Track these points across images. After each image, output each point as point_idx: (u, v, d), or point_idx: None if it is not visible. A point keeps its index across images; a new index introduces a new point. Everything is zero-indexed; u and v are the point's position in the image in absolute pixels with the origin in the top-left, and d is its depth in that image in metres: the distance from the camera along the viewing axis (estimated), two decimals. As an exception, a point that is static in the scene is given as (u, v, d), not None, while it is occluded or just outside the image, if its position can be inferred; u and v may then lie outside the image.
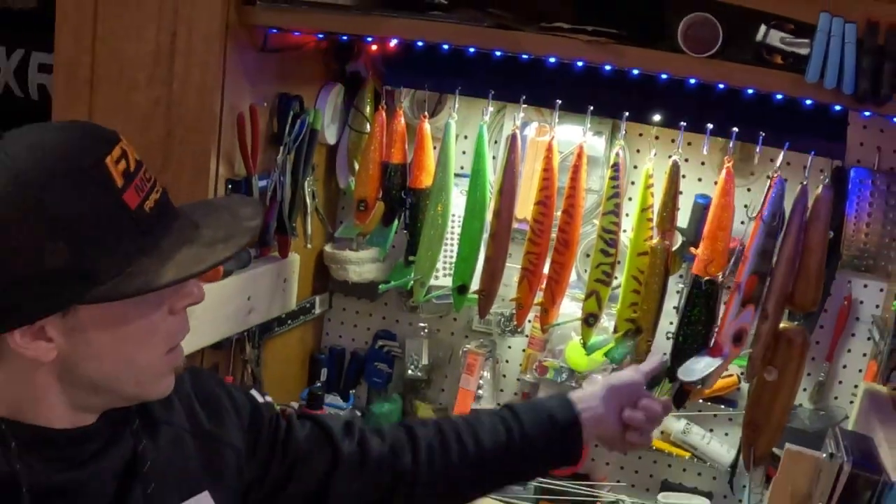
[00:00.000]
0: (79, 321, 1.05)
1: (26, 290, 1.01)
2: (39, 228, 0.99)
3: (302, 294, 2.37)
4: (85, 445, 1.14)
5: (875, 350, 2.02)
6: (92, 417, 1.15)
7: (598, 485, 2.33)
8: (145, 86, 1.92)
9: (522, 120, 2.12)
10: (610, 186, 2.00)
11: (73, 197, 1.01)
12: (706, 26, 1.65)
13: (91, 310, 1.05)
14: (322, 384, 2.50)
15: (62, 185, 1.01)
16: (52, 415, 1.12)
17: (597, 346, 2.09)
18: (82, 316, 1.05)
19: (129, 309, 1.06)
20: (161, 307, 1.11)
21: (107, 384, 1.12)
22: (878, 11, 1.50)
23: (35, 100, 2.39)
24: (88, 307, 1.04)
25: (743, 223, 2.03)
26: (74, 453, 1.13)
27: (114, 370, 1.11)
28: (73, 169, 1.01)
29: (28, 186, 0.98)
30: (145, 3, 1.89)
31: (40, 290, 1.02)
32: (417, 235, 2.23)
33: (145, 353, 1.11)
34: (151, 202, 1.06)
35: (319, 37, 2.15)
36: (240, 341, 2.18)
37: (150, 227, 1.05)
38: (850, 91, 1.51)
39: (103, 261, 1.01)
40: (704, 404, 2.20)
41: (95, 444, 1.15)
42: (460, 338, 2.47)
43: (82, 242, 1.01)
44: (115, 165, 1.03)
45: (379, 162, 2.21)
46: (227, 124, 1.94)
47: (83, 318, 1.05)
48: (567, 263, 2.05)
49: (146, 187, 1.07)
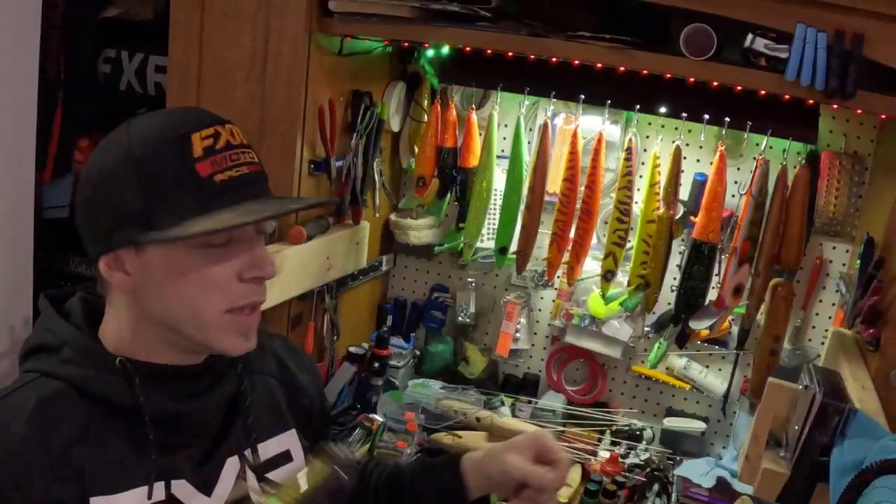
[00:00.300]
0: (148, 261, 1.11)
1: (109, 222, 1.10)
2: (129, 174, 1.08)
3: (371, 254, 2.38)
4: (196, 382, 1.21)
5: (842, 300, 2.04)
6: (198, 359, 1.22)
7: (614, 411, 2.36)
8: (242, 83, 1.96)
9: (552, 111, 2.17)
10: (624, 166, 2.04)
11: (156, 156, 1.08)
12: (703, 34, 1.67)
13: (158, 254, 1.11)
14: (388, 328, 2.51)
15: (152, 147, 1.08)
16: (158, 354, 1.19)
17: (613, 297, 2.14)
18: (151, 257, 1.11)
19: (191, 260, 1.11)
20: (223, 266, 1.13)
21: (174, 325, 1.16)
22: (845, 22, 1.52)
23: (152, 95, 2.36)
24: (156, 250, 1.11)
25: (734, 196, 2.06)
26: (187, 388, 1.20)
27: (176, 313, 1.15)
28: (164, 137, 1.09)
29: (132, 146, 1.09)
30: (243, 15, 1.92)
31: (117, 224, 1.10)
32: (466, 206, 2.27)
33: (202, 303, 1.13)
34: (225, 176, 1.09)
35: (386, 43, 2.17)
36: (321, 293, 2.21)
37: (213, 194, 1.08)
38: (821, 88, 1.54)
39: (163, 211, 1.07)
40: (702, 345, 2.21)
41: (205, 382, 1.23)
42: (501, 290, 2.49)
43: (152, 193, 1.08)
44: (200, 140, 1.09)
45: (434, 146, 2.25)
46: (310, 115, 1.97)
47: (152, 259, 1.11)
48: (589, 229, 2.10)
49: (226, 164, 1.10)
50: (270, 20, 1.89)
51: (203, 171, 1.07)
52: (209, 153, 1.09)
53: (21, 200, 2.15)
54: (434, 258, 2.54)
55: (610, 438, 2.27)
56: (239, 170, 1.10)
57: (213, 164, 1.08)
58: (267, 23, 1.90)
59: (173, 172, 1.08)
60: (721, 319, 2.03)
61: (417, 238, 2.41)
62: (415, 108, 2.35)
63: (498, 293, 2.50)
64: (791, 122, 1.87)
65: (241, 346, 1.18)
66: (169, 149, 1.08)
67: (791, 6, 1.56)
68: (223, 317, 1.13)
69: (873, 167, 2.04)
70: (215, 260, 1.11)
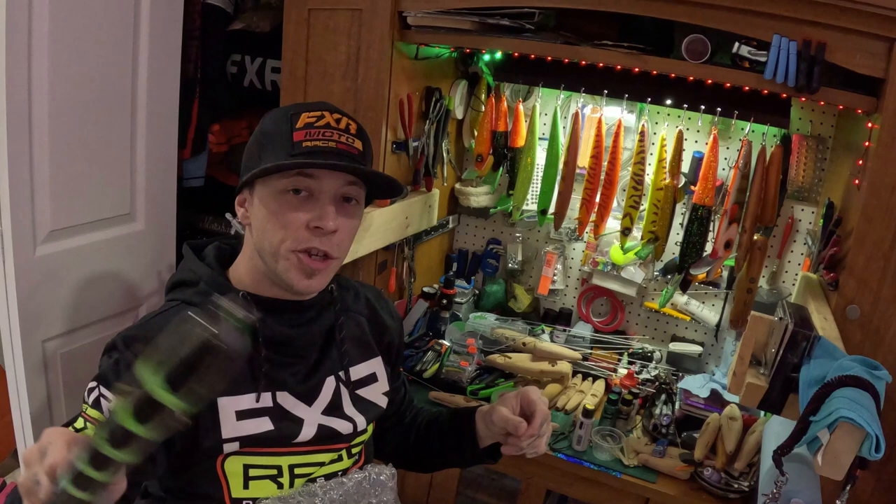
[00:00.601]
0: (254, 200, 1.20)
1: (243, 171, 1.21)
2: (256, 137, 1.21)
3: (440, 215, 2.44)
4: (301, 314, 1.26)
5: (808, 251, 2.07)
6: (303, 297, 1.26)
7: (630, 337, 2.44)
8: (340, 80, 2.02)
9: (582, 103, 2.20)
10: (638, 146, 2.08)
11: (272, 125, 1.19)
12: (700, 43, 1.71)
13: (258, 196, 1.19)
14: (453, 273, 2.59)
15: (273, 119, 1.20)
16: (268, 289, 1.24)
17: (630, 248, 2.20)
18: (255, 197, 1.19)
19: (276, 203, 1.16)
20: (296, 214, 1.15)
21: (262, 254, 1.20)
22: (811, 33, 1.55)
23: (269, 91, 2.44)
24: (257, 193, 1.19)
25: (724, 169, 2.11)
26: (294, 318, 1.25)
27: (262, 243, 1.19)
28: (284, 113, 1.19)
29: (265, 120, 1.21)
30: (340, 28, 1.97)
31: (245, 171, 1.20)
32: (514, 177, 2.33)
33: (276, 239, 1.16)
34: (311, 143, 1.14)
35: (452, 49, 2.22)
36: (401, 245, 2.30)
37: (297, 153, 1.13)
38: (792, 85, 1.58)
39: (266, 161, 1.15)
40: (700, 286, 2.26)
41: (309, 315, 1.27)
42: (542, 243, 2.56)
43: (262, 148, 1.18)
44: (306, 118, 1.16)
45: (490, 130, 2.29)
46: (393, 106, 2.03)
47: (256, 199, 1.19)
48: (610, 195, 2.15)
49: (318, 136, 1.15)
50: (361, 32, 1.94)
51: (297, 137, 1.14)
52: (307, 127, 1.15)
53: (167, 172, 2.24)
54: (489, 218, 2.59)
55: (627, 359, 2.34)
56: (327, 143, 1.14)
57: (306, 134, 1.14)
58: (359, 34, 1.95)
59: (278, 136, 1.16)
60: (715, 267, 2.07)
61: (476, 202, 2.48)
62: (474, 100, 2.42)
63: (539, 245, 2.56)
64: (769, 112, 1.88)
65: (303, 284, 1.19)
66: (282, 120, 1.17)
67: (769, 21, 1.58)
68: (291, 254, 1.16)
69: (833, 146, 2.06)
70: (293, 207, 1.15)
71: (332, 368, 1.30)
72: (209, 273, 1.24)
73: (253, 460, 1.19)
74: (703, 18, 1.63)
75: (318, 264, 1.17)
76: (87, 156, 1.97)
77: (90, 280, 2.06)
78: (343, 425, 1.28)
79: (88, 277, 2.05)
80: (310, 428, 1.23)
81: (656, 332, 2.48)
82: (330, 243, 1.16)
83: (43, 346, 1.97)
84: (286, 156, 1.13)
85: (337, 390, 1.29)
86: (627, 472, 1.88)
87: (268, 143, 1.17)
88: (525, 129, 2.30)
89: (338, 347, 1.30)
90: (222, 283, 1.23)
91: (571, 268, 2.54)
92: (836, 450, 1.16)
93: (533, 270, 2.60)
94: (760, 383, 1.36)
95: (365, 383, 1.35)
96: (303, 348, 1.27)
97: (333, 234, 1.16)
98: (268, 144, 1.17)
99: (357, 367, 1.34)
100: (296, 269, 1.16)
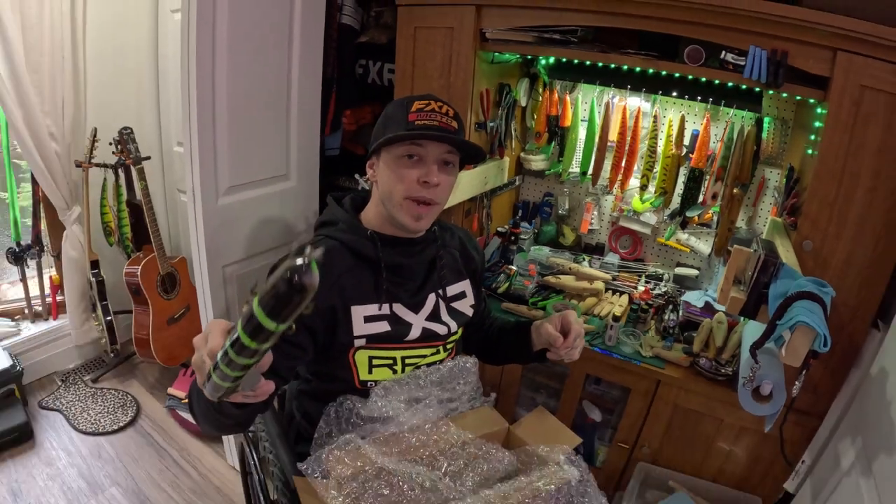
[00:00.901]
0: (380, 163, 1.20)
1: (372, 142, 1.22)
2: (381, 118, 1.22)
3: (510, 175, 2.45)
4: (412, 247, 1.27)
5: (775, 201, 2.05)
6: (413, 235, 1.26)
7: (647, 264, 2.46)
8: (437, 79, 2.03)
9: (612, 95, 2.25)
10: (652, 126, 2.16)
11: (392, 109, 1.20)
12: (697, 51, 1.70)
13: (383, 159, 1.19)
14: (519, 217, 2.64)
15: (394, 105, 1.20)
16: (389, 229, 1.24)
17: (646, 200, 2.28)
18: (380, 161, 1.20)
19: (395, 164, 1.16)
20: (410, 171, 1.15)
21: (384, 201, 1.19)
22: (777, 44, 1.53)
23: (386, 86, 2.45)
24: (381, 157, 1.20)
25: (714, 143, 2.13)
26: (406, 250, 1.26)
27: (384, 194, 1.19)
28: (402, 100, 1.20)
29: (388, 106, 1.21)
30: (437, 41, 1.99)
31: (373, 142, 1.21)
32: (563, 148, 2.39)
33: (394, 189, 1.17)
34: (421, 122, 1.14)
35: (518, 56, 2.18)
36: (481, 197, 2.30)
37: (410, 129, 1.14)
38: (763, 81, 1.56)
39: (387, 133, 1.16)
40: (696, 226, 2.28)
41: (417, 248, 1.28)
42: (583, 195, 2.54)
43: (385, 125, 1.18)
44: (417, 104, 1.17)
45: (545, 114, 2.35)
46: (475, 97, 2.04)
47: (381, 162, 1.20)
48: (632, 161, 2.21)
49: (426, 118, 1.15)
50: (453, 44, 1.96)
51: (411, 118, 1.15)
52: (418, 111, 1.16)
53: (312, 145, 2.26)
54: (544, 177, 2.59)
55: (644, 279, 2.37)
56: (432, 122, 1.15)
57: (417, 115, 1.15)
58: (451, 46, 1.97)
59: (397, 117, 1.17)
60: (705, 211, 2.14)
61: (535, 166, 2.49)
62: (534, 92, 2.41)
63: (581, 197, 2.55)
64: (746, 101, 1.90)
65: (413, 224, 1.18)
66: (400, 106, 1.19)
67: (747, 35, 1.56)
68: (404, 201, 1.17)
69: (793, 126, 2.03)
70: (407, 167, 1.16)
71: (433, 287, 1.29)
72: (346, 216, 1.25)
73: (375, 353, 1.20)
74: (699, 33, 1.62)
75: (423, 209, 1.17)
76: (255, 133, 1.97)
77: (257, 222, 2.08)
78: (440, 328, 1.28)
79: (255, 220, 2.08)
80: (416, 330, 1.23)
81: (665, 260, 2.46)
82: (433, 193, 1.17)
83: (223, 270, 2.02)
84: (403, 131, 1.14)
85: (437, 303, 1.29)
86: (645, 361, 1.91)
87: (390, 122, 1.18)
88: (571, 114, 2.33)
89: (438, 272, 1.30)
90: (355, 224, 1.24)
91: (604, 213, 2.53)
92: (795, 345, 1.18)
93: (576, 215, 2.60)
94: (741, 297, 1.37)
95: (457, 298, 1.35)
96: (412, 272, 1.27)
97: (436, 186, 1.16)
98: (390, 123, 1.18)
99: (451, 287, 1.34)
100: (408, 212, 1.17)
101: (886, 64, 1.39)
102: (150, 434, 2.58)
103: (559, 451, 1.09)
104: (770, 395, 1.38)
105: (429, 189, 1.15)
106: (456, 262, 1.36)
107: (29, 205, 2.78)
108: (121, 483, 2.27)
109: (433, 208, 1.19)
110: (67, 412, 2.65)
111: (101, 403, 2.75)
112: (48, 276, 2.94)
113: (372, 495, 0.98)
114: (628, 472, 2.02)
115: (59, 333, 2.95)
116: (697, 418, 1.89)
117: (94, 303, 2.82)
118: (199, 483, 2.30)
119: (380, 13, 2.36)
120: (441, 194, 1.18)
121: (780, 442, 1.63)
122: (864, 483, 1.35)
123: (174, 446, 2.51)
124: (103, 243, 2.85)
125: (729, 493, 1.88)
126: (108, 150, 2.64)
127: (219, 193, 1.90)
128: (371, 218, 1.26)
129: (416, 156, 1.16)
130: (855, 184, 1.50)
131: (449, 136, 1.13)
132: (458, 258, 1.38)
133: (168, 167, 3.08)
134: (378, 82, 2.50)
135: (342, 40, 2.32)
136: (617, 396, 2.21)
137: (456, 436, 1.11)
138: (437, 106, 1.17)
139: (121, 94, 2.86)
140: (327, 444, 1.07)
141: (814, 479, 1.67)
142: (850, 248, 1.55)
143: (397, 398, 1.16)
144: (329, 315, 1.14)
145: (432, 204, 1.18)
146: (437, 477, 1.01)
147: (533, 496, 0.98)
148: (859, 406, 1.55)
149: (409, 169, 1.15)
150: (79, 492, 2.20)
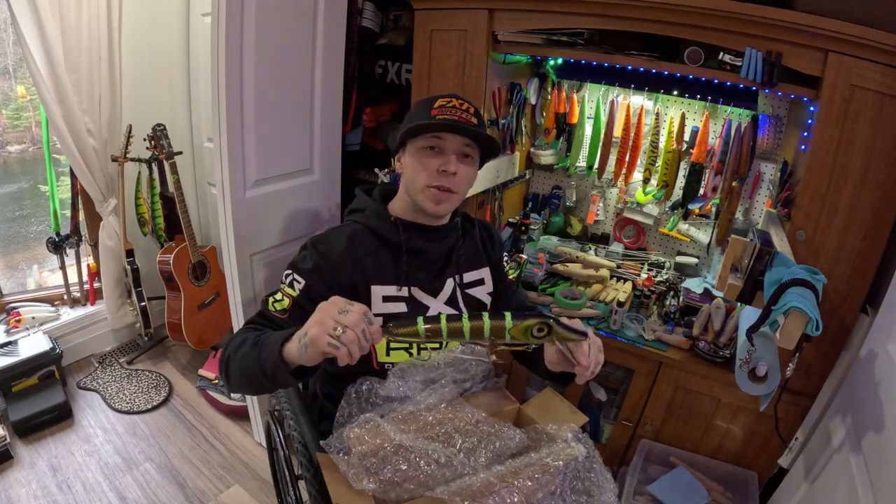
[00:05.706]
0: (406, 155, 1.22)
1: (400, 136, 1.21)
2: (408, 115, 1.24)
3: (520, 169, 2.46)
4: (433, 234, 1.27)
5: (770, 194, 2.07)
6: (437, 222, 1.27)
7: (649, 253, 2.46)
8: (452, 78, 2.03)
9: (616, 93, 2.25)
10: (654, 122, 2.16)
11: (417, 106, 1.22)
12: (696, 52, 1.71)
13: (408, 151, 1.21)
14: (529, 209, 2.62)
15: (418, 103, 1.22)
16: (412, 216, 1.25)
17: (649, 192, 2.25)
18: (406, 153, 1.21)
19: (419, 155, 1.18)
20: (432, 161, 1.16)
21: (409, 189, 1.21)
22: (772, 46, 1.53)
23: (404, 85, 2.46)
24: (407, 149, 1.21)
25: (713, 139, 2.12)
26: (428, 236, 1.26)
27: (408, 181, 1.21)
28: (426, 98, 1.22)
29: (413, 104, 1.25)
30: (452, 43, 1.99)
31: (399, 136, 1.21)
32: (570, 143, 2.38)
33: (417, 177, 1.18)
34: (442, 117, 1.15)
35: (528, 57, 2.18)
36: (494, 189, 2.30)
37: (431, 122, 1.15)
38: (759, 81, 1.57)
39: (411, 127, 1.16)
40: (696, 217, 2.28)
41: (438, 235, 1.28)
42: (589, 187, 2.53)
43: (411, 120, 1.19)
44: (440, 101, 1.18)
45: (554, 111, 2.35)
46: (488, 95, 2.03)
47: (406, 153, 1.21)
48: (636, 156, 2.21)
49: (447, 113, 1.16)
50: (467, 46, 1.96)
51: (433, 113, 1.17)
52: (440, 107, 1.18)
53: (334, 140, 2.23)
54: (553, 171, 2.58)
55: (647, 267, 2.36)
56: (451, 116, 1.16)
57: (440, 110, 1.17)
58: (465, 47, 1.97)
59: (421, 112, 1.19)
60: (706, 204, 2.13)
61: (545, 160, 2.47)
62: (543, 91, 2.41)
63: (587, 189, 2.55)
64: (743, 99, 1.89)
65: (433, 207, 1.20)
66: (425, 102, 1.21)
67: (744, 38, 1.56)
68: (426, 188, 1.19)
69: (787, 123, 2.03)
70: (429, 157, 1.18)
71: (452, 273, 1.29)
72: (373, 204, 1.28)
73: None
74: (698, 36, 1.62)
75: (443, 195, 1.19)
76: (280, 130, 1.96)
77: (282, 213, 2.07)
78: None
79: (281, 212, 2.06)
80: (433, 313, 1.23)
81: (667, 249, 2.46)
82: (452, 181, 1.19)
83: (250, 259, 2.01)
84: (426, 121, 1.17)
85: (454, 288, 1.29)
86: (647, 344, 1.91)
87: (415, 117, 1.20)
88: (578, 111, 2.34)
89: (456, 259, 1.30)
90: (381, 211, 1.26)
91: (609, 205, 2.53)
92: (789, 328, 1.18)
93: (583, 207, 2.59)
94: (738, 284, 1.37)
95: (474, 285, 1.34)
96: (433, 258, 1.27)
97: (454, 175, 1.18)
98: (415, 118, 1.20)
99: (470, 273, 1.34)
100: (429, 198, 1.20)
101: (874, 64, 1.41)
102: (182, 413, 2.63)
103: (567, 429, 1.10)
104: (765, 376, 1.38)
105: (448, 178, 1.17)
106: (475, 250, 1.37)
107: (68, 197, 2.84)
108: (154, 459, 2.32)
109: (453, 196, 1.21)
110: (104, 392, 2.71)
111: (136, 384, 2.81)
112: (86, 264, 3.01)
113: (390, 470, 1.00)
114: (632, 449, 2.04)
115: (96, 318, 3.02)
116: (697, 398, 1.90)
117: (129, 289, 2.89)
118: (228, 459, 2.35)
119: (398, 16, 2.38)
120: (460, 183, 1.20)
121: (774, 420, 1.64)
122: (854, 458, 1.37)
123: (204, 424, 2.56)
124: (138, 233, 2.91)
125: (726, 468, 1.91)
126: (142, 146, 2.70)
127: (246, 186, 1.90)
128: (397, 207, 1.28)
129: (437, 147, 1.18)
130: (845, 177, 1.51)
131: (465, 128, 1.14)
132: (480, 247, 1.38)
133: (199, 162, 3.12)
134: (396, 82, 2.51)
135: (362, 42, 2.33)
136: (621, 377, 2.21)
137: (470, 414, 1.12)
138: (458, 103, 1.19)
139: (154, 93, 2.90)
140: (349, 423, 1.09)
141: (806, 455, 1.69)
142: (841, 237, 1.56)
143: (413, 379, 1.17)
144: (350, 292, 1.16)
145: (452, 192, 1.20)
146: (452, 453, 1.03)
147: (542, 471, 1.00)
148: (849, 386, 1.57)
149: (430, 159, 1.18)
150: (115, 467, 2.26)
